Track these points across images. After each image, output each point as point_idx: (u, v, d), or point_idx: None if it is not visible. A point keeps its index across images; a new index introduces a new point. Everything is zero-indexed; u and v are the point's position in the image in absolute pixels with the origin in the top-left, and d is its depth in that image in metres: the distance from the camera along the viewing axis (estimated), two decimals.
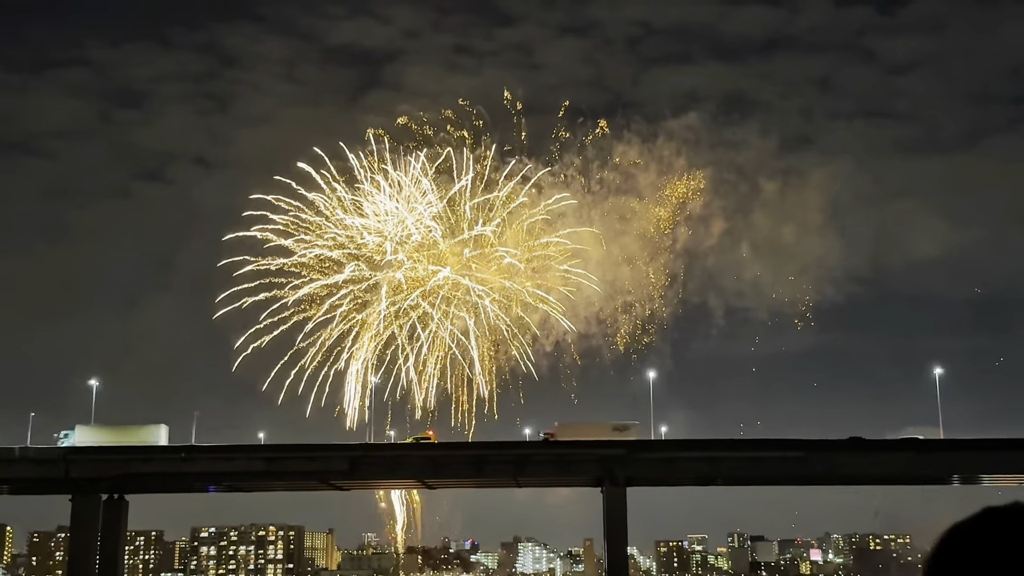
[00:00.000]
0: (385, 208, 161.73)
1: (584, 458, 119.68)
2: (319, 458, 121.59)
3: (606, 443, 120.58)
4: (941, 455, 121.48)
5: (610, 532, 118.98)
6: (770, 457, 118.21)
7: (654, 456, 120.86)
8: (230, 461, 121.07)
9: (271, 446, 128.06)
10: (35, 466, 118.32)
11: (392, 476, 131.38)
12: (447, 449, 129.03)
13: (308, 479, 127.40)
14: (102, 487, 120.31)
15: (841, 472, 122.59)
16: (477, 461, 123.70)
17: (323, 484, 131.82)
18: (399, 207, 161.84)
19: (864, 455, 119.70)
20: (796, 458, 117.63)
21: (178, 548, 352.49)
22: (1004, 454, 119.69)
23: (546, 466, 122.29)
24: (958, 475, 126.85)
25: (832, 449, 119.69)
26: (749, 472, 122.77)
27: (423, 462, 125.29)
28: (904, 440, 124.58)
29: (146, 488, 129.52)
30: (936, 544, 2.68)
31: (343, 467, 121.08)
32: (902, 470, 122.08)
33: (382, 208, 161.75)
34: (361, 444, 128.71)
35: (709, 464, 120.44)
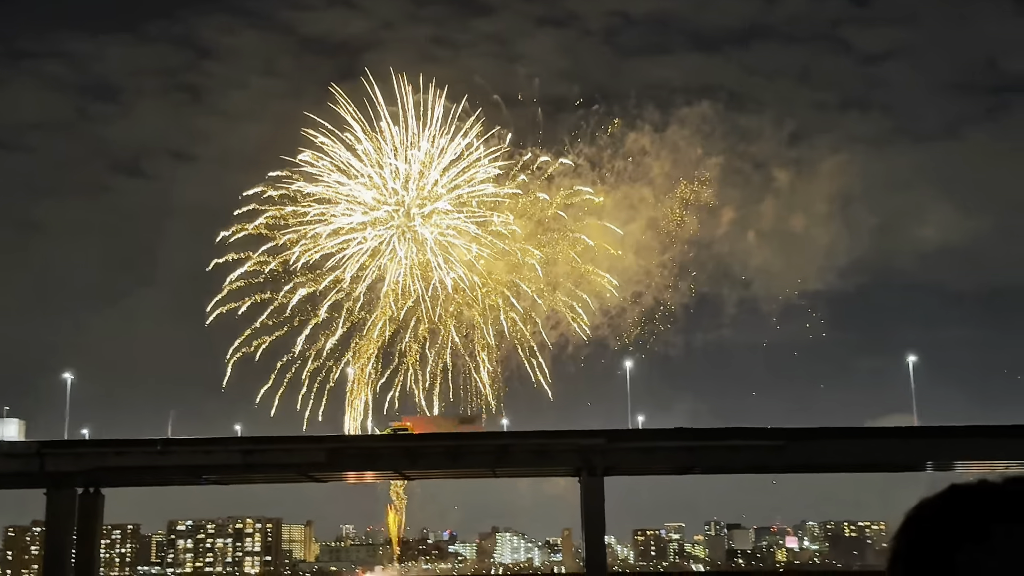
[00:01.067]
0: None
1: (563, 448, 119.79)
2: (297, 450, 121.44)
3: (585, 433, 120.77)
4: (916, 442, 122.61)
5: (588, 522, 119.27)
6: (748, 446, 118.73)
7: (632, 446, 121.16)
8: (207, 454, 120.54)
9: (249, 438, 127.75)
10: (9, 460, 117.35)
11: (370, 467, 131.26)
12: (424, 440, 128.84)
13: (286, 471, 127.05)
14: (77, 481, 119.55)
15: (818, 460, 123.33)
16: (454, 451, 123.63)
17: (301, 476, 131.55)
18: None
19: (841, 442, 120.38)
20: (775, 447, 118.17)
21: (155, 541, 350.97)
22: (976, 441, 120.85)
23: (524, 456, 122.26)
24: (932, 462, 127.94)
25: (810, 437, 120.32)
26: (727, 461, 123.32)
27: (400, 453, 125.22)
28: (879, 428, 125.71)
29: (122, 482, 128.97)
30: (903, 520, 2.70)
31: (321, 459, 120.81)
32: (878, 458, 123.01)
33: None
34: (338, 436, 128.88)
35: (687, 453, 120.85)
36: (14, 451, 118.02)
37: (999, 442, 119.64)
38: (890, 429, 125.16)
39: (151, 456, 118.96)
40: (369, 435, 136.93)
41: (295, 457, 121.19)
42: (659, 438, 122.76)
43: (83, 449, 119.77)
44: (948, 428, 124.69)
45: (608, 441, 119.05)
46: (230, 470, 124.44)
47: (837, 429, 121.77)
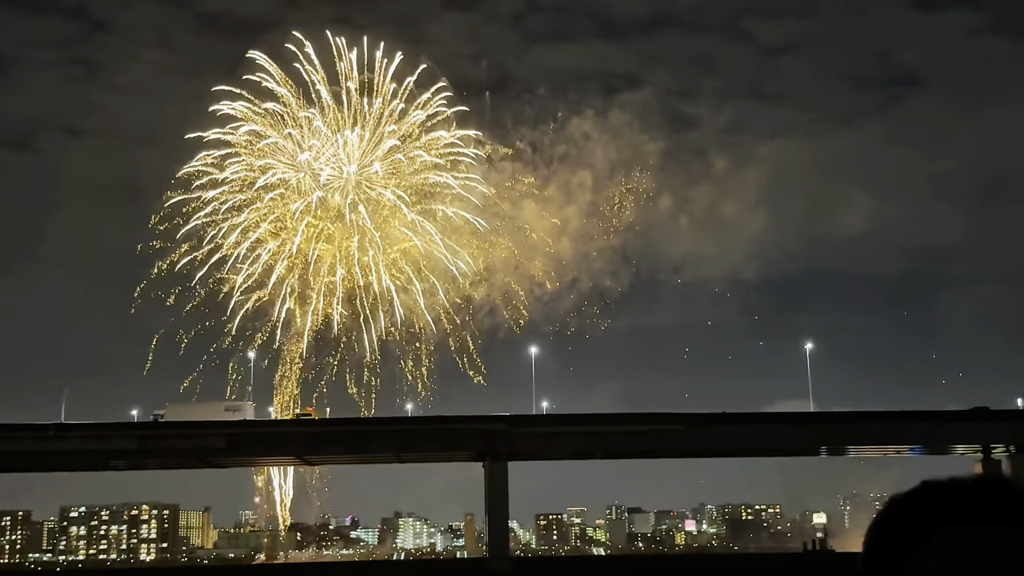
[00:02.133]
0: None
1: (467, 433, 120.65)
2: (195, 435, 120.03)
3: (488, 418, 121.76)
4: (810, 427, 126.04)
5: (492, 506, 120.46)
6: (647, 431, 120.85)
7: (535, 431, 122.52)
8: (102, 439, 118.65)
9: (144, 424, 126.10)
10: None
11: (272, 453, 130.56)
12: (328, 425, 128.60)
13: (184, 457, 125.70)
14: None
15: (716, 445, 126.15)
16: (359, 437, 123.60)
17: (200, 462, 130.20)
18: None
19: (737, 428, 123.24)
20: (673, 431, 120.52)
21: (46, 528, 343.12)
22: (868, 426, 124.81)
23: (429, 442, 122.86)
24: (825, 447, 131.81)
25: (708, 423, 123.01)
26: (627, 446, 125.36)
27: (304, 438, 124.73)
28: (772, 414, 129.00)
29: (13, 467, 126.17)
30: (877, 515, 2.78)
31: (221, 444, 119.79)
32: (772, 442, 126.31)
33: None
34: (240, 421, 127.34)
35: (588, 438, 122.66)
36: None
37: (890, 427, 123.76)
38: (784, 415, 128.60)
39: (42, 441, 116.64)
40: (271, 420, 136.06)
41: (193, 442, 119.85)
42: (560, 423, 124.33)
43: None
44: (840, 414, 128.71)
45: (511, 426, 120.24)
46: (126, 455, 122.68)
47: (732, 415, 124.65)
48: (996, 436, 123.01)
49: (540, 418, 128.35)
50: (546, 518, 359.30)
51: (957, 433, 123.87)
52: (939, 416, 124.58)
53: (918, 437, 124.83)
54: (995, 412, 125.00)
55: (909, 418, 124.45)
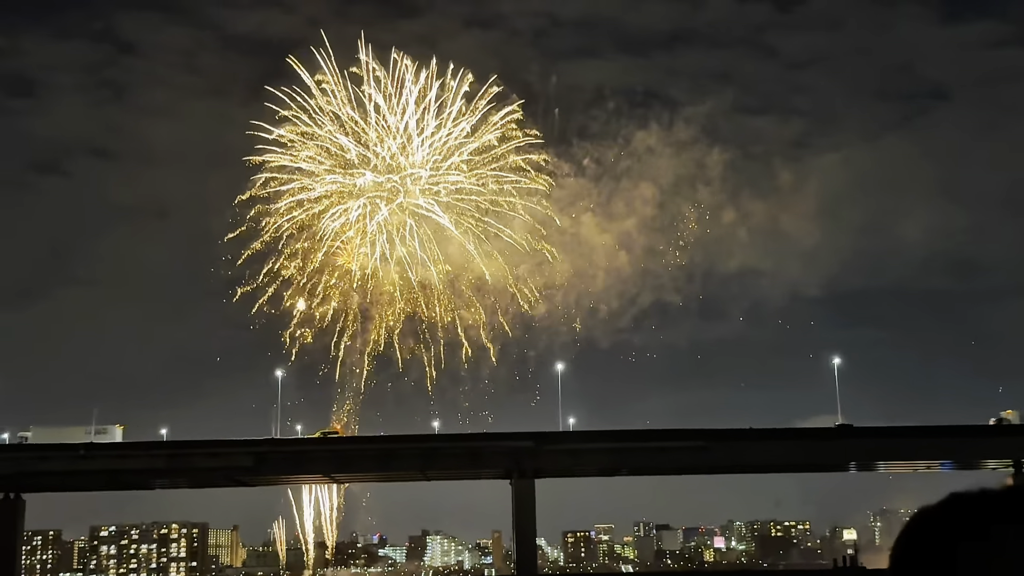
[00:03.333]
0: None
1: (492, 451, 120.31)
2: (223, 454, 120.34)
3: (514, 435, 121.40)
4: (839, 443, 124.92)
5: (519, 524, 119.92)
6: (672, 447, 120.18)
7: (561, 448, 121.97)
8: (131, 458, 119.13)
9: (173, 443, 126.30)
10: None
11: (299, 471, 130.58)
12: (354, 443, 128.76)
13: (213, 476, 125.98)
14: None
15: (742, 461, 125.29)
16: (384, 455, 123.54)
17: (228, 481, 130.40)
18: None
19: (764, 444, 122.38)
20: (698, 447, 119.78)
21: (77, 547, 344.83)
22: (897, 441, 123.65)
23: (454, 459, 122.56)
24: (855, 462, 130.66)
25: (733, 438, 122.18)
26: (653, 462, 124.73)
27: (330, 456, 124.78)
28: (799, 429, 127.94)
29: (44, 487, 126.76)
30: (905, 527, 2.74)
31: (248, 463, 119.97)
32: (802, 458, 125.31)
33: None
34: (267, 440, 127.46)
35: (614, 455, 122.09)
36: None
37: (919, 442, 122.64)
38: (811, 430, 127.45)
39: (74, 461, 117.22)
40: (298, 439, 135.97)
41: (221, 461, 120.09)
42: (586, 440, 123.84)
43: (3, 454, 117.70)
44: (869, 429, 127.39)
45: (537, 443, 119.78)
46: (155, 475, 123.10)
47: (756, 430, 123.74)
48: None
49: (566, 435, 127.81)
50: (574, 535, 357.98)
51: (988, 448, 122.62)
52: (969, 431, 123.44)
53: (948, 452, 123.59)
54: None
55: (939, 433, 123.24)
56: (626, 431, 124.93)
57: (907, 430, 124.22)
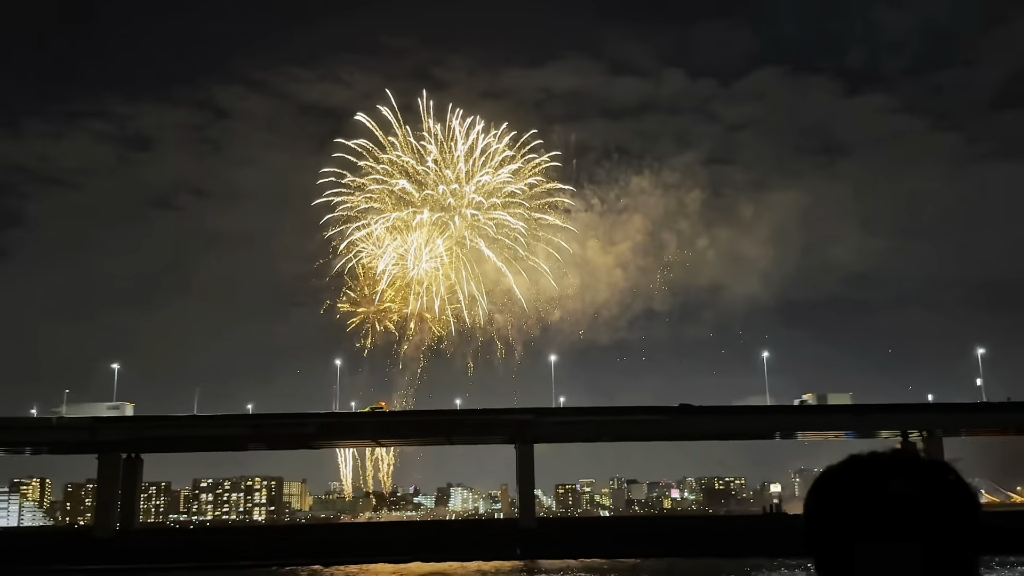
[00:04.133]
0: None
1: (501, 422, 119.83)
2: (295, 424, 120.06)
3: (518, 410, 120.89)
4: (768, 417, 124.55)
5: (521, 478, 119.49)
6: (641, 420, 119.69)
7: (554, 420, 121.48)
8: (224, 427, 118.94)
9: (256, 415, 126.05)
10: (69, 432, 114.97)
11: (353, 437, 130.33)
12: (395, 416, 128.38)
13: (286, 441, 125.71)
14: (122, 448, 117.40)
15: (694, 430, 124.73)
16: (417, 425, 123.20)
17: (298, 444, 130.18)
18: None
19: (710, 417, 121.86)
20: (661, 420, 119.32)
21: (183, 495, 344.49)
22: (812, 416, 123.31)
23: (472, 428, 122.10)
24: (779, 432, 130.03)
25: (687, 413, 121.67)
26: (626, 431, 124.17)
27: (376, 426, 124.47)
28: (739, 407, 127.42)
29: (158, 449, 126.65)
30: (813, 483, 2.68)
31: (314, 431, 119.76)
32: (739, 428, 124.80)
33: None
34: (328, 413, 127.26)
35: (596, 426, 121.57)
36: (73, 425, 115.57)
37: (829, 417, 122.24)
38: (748, 408, 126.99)
39: (180, 429, 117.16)
40: (352, 412, 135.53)
41: (293, 429, 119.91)
42: (574, 414, 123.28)
43: (127, 423, 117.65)
44: (788, 407, 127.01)
45: (536, 416, 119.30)
46: (243, 440, 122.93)
47: (705, 407, 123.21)
48: (912, 424, 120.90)
49: (559, 410, 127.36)
50: (563, 487, 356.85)
51: (882, 421, 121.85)
52: (867, 408, 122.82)
53: (851, 424, 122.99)
54: (911, 405, 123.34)
55: (844, 410, 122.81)
56: (605, 407, 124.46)
57: (820, 408, 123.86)
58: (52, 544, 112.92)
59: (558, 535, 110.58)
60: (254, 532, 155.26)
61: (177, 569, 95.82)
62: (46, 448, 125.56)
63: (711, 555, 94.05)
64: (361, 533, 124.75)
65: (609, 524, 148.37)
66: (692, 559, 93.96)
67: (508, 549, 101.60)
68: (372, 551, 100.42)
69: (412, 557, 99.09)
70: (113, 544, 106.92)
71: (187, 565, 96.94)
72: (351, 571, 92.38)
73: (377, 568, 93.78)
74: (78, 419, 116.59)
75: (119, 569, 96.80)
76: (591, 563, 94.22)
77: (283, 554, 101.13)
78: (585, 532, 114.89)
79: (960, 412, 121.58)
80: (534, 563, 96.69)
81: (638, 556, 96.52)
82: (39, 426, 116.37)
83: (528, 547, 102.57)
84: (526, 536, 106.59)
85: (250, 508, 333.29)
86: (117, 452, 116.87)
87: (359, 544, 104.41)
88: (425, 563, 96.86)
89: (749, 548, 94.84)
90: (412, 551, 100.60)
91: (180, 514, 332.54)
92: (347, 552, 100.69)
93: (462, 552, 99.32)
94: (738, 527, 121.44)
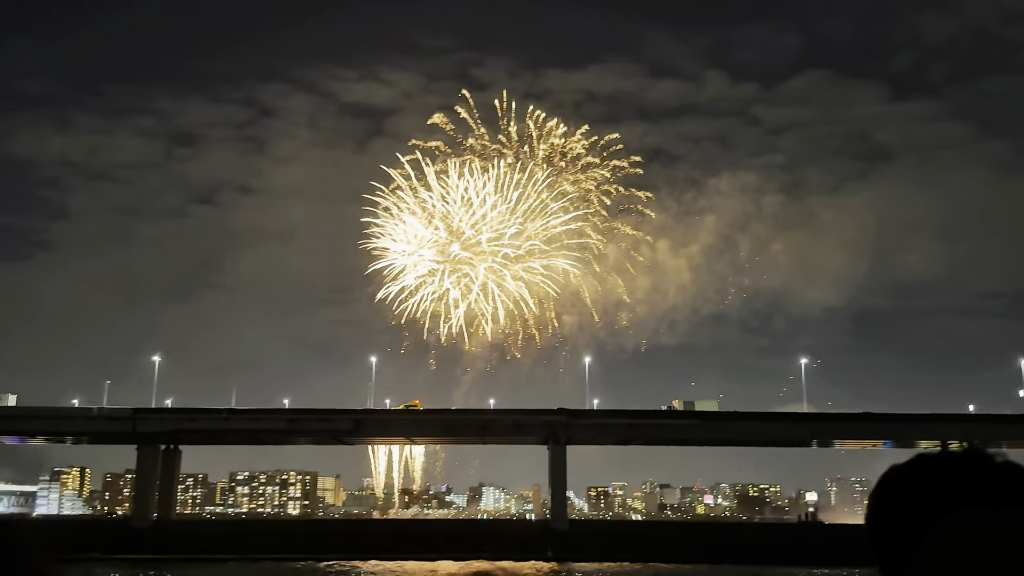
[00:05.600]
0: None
1: (534, 423, 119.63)
2: (329, 419, 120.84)
3: (551, 411, 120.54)
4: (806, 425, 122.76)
5: (553, 480, 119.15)
6: (673, 424, 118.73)
7: (587, 422, 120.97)
8: (260, 421, 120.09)
9: (292, 410, 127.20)
10: (109, 422, 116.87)
11: (386, 434, 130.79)
12: (428, 414, 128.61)
13: (321, 436, 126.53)
14: (161, 439, 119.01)
15: (727, 436, 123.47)
16: (450, 424, 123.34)
17: (333, 440, 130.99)
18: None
19: (744, 423, 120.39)
20: (692, 425, 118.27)
21: (219, 488, 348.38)
22: (850, 425, 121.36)
23: (505, 429, 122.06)
24: (816, 440, 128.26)
25: (720, 419, 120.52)
26: (658, 435, 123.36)
27: (409, 424, 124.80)
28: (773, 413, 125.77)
29: (195, 441, 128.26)
30: (878, 480, 2.53)
31: (348, 427, 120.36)
32: (774, 435, 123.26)
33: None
34: (363, 409, 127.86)
35: (628, 429, 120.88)
36: (114, 415, 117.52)
37: (866, 426, 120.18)
38: (783, 414, 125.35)
39: (218, 421, 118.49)
40: (386, 409, 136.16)
41: (328, 425, 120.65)
42: (607, 416, 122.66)
43: (166, 415, 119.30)
44: (827, 414, 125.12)
45: (569, 418, 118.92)
46: (278, 434, 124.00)
47: (738, 413, 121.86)
48: (951, 434, 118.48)
49: (591, 412, 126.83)
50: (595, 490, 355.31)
51: (920, 431, 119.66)
52: (906, 418, 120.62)
53: (889, 434, 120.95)
54: (951, 415, 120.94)
55: (882, 419, 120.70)
56: (638, 411, 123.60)
57: (857, 416, 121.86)
58: (90, 533, 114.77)
59: (590, 537, 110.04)
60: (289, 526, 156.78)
61: (213, 560, 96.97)
62: (86, 438, 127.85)
63: (745, 562, 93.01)
64: (393, 530, 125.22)
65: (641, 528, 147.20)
66: (725, 566, 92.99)
67: (540, 550, 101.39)
68: (405, 548, 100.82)
69: (444, 555, 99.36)
70: (150, 534, 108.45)
71: (223, 556, 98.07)
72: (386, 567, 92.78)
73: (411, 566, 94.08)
74: (119, 409, 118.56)
75: (156, 559, 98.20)
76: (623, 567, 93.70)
77: (317, 548, 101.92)
78: (617, 535, 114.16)
79: (1001, 423, 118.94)
80: (565, 565, 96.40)
81: (670, 561, 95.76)
82: (80, 416, 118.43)
83: (560, 549, 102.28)
84: (558, 538, 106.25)
85: (284, 502, 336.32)
86: (156, 443, 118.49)
87: (392, 541, 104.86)
88: (456, 562, 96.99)
89: (784, 557, 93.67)
90: (444, 549, 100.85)
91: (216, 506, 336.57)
92: (380, 549, 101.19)
93: (494, 552, 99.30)
94: (773, 535, 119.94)
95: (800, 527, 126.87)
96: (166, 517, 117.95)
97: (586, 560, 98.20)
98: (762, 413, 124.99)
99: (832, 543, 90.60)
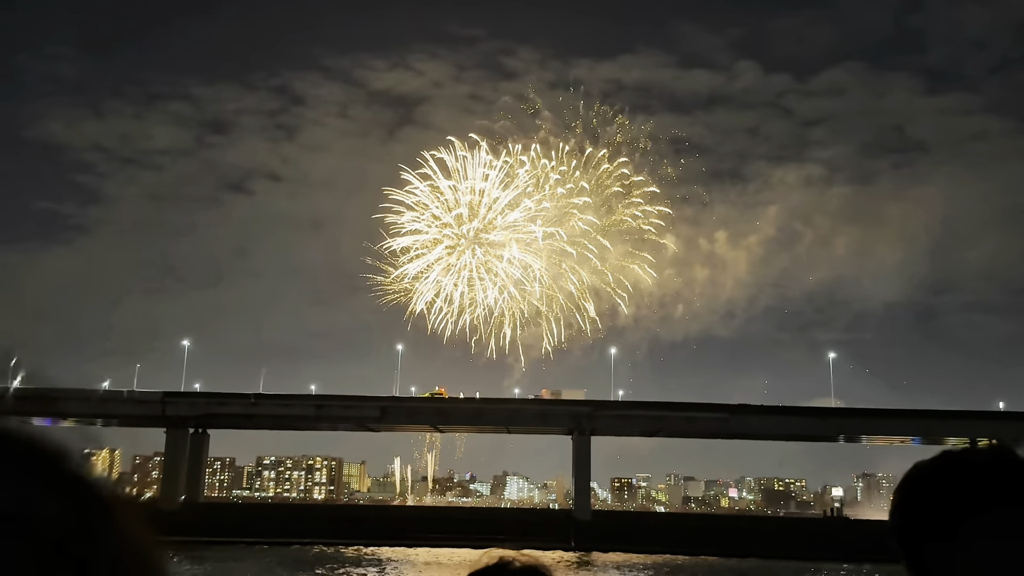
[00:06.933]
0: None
1: (559, 413, 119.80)
2: (356, 406, 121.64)
3: (576, 402, 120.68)
4: (832, 420, 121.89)
5: (577, 470, 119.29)
6: (700, 417, 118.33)
7: (612, 413, 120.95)
8: (288, 407, 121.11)
9: (320, 396, 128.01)
10: (138, 405, 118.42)
11: (412, 422, 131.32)
12: (454, 403, 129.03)
13: (347, 422, 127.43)
14: (189, 423, 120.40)
15: (753, 430, 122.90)
16: (476, 412, 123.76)
17: (359, 427, 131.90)
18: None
19: (770, 417, 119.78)
20: (721, 418, 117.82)
21: (246, 472, 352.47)
22: (878, 421, 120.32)
23: (530, 418, 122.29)
24: (843, 436, 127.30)
25: (746, 412, 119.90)
26: (684, 427, 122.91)
27: (435, 412, 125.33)
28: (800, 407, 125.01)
29: (224, 425, 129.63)
30: (904, 476, 2.55)
31: (375, 414, 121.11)
32: (800, 430, 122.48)
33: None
34: (389, 396, 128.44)
35: (654, 421, 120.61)
36: (144, 398, 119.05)
37: (895, 422, 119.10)
38: (809, 408, 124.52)
39: (246, 406, 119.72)
40: (412, 396, 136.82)
41: (355, 412, 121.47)
42: (632, 408, 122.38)
43: (195, 399, 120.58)
44: (854, 409, 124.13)
45: (594, 409, 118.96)
46: (305, 420, 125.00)
47: (766, 407, 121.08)
48: (980, 431, 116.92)
49: (617, 403, 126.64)
50: (619, 481, 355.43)
51: (949, 428, 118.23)
52: (935, 414, 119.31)
53: (918, 430, 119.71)
54: (979, 412, 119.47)
55: (911, 415, 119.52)
56: (663, 403, 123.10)
57: (885, 412, 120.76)
58: None
59: (613, 528, 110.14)
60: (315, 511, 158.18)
61: (239, 543, 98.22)
62: (115, 421, 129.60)
63: (769, 556, 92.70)
64: (418, 516, 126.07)
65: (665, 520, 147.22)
66: (750, 559, 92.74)
67: (563, 539, 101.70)
68: (429, 534, 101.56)
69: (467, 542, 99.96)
70: (178, 516, 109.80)
71: (250, 540, 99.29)
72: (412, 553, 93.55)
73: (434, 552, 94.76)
74: (149, 393, 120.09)
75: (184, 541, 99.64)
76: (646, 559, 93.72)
77: (343, 534, 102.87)
78: (641, 527, 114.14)
79: None
80: (588, 555, 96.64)
81: (694, 554, 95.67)
82: (111, 398, 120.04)
83: (583, 538, 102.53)
84: (581, 527, 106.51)
85: (310, 487, 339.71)
86: (185, 427, 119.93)
87: (416, 527, 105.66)
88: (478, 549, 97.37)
89: (809, 551, 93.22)
90: (467, 536, 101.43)
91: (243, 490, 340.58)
92: (404, 535, 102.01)
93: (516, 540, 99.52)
94: (798, 529, 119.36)
95: (825, 522, 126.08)
96: (194, 500, 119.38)
97: (610, 550, 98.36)
98: (789, 407, 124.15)
99: (858, 539, 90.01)
